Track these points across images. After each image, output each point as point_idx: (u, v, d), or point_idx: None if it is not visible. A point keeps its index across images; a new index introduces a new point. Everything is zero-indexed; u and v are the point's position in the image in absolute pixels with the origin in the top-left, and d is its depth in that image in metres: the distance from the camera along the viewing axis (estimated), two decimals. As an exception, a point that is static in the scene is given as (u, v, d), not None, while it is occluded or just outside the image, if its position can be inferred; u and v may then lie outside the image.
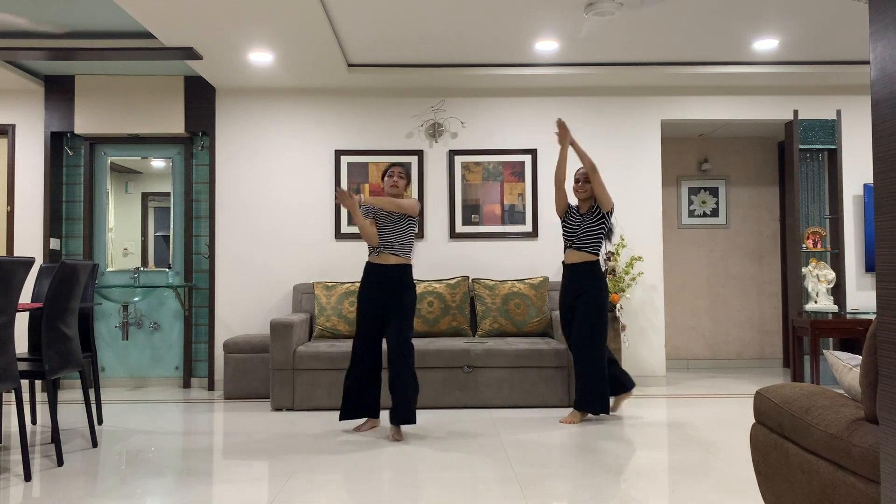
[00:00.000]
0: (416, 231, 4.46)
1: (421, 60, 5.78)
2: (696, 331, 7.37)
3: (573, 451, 3.87)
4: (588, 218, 4.72)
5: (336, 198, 4.28)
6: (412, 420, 4.23)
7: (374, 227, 4.41)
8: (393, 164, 4.53)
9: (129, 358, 6.31)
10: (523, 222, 6.17)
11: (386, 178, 4.48)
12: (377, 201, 4.31)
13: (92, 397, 5.60)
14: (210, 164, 6.20)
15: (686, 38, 5.28)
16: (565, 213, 4.83)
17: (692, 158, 7.44)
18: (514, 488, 3.18)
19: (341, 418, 4.41)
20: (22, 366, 3.77)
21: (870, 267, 6.27)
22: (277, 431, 4.43)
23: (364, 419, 4.58)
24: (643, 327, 6.17)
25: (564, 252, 4.82)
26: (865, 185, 6.25)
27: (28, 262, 3.34)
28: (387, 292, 4.35)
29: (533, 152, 6.20)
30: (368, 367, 4.42)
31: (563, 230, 4.82)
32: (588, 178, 4.72)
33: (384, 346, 4.85)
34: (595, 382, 4.60)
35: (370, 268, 4.42)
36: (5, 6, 4.81)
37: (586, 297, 4.66)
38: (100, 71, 6.12)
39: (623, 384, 4.82)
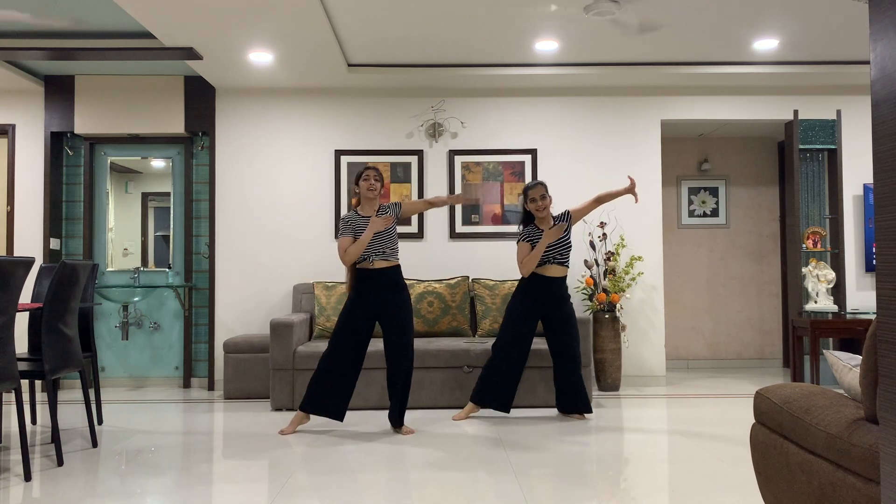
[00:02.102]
0: None
1: (421, 60, 5.78)
2: (696, 331, 7.37)
3: (573, 450, 3.87)
4: (565, 234, 4.68)
5: (382, 220, 4.34)
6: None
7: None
8: (367, 168, 4.42)
9: (129, 358, 6.31)
10: (523, 222, 6.17)
11: (362, 182, 4.35)
12: (412, 209, 4.49)
13: (92, 397, 5.60)
14: (210, 164, 6.20)
15: (686, 38, 5.28)
16: (533, 239, 4.65)
17: (692, 158, 7.44)
18: (514, 488, 3.18)
19: (306, 409, 4.37)
20: (22, 366, 3.77)
21: (870, 267, 6.28)
22: (277, 431, 4.43)
23: (295, 417, 4.45)
24: (643, 327, 6.17)
25: (541, 266, 4.64)
26: (865, 185, 6.25)
27: (28, 262, 3.34)
28: (384, 295, 4.32)
29: (533, 152, 6.20)
30: (344, 374, 4.35)
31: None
32: (545, 195, 4.64)
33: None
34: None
35: (367, 274, 4.31)
36: (6, 4, 4.81)
37: (568, 307, 4.73)
38: (100, 71, 6.12)
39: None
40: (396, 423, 4.38)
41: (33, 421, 4.68)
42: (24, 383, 5.59)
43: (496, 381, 4.69)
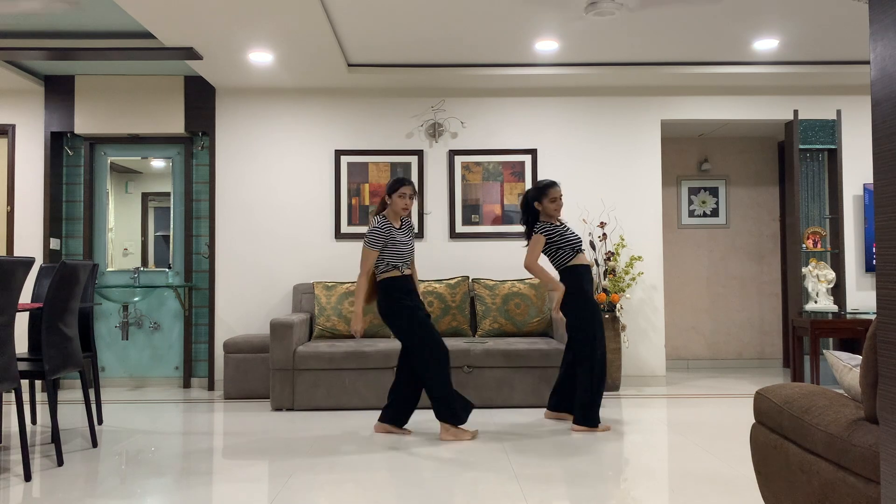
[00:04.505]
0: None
1: (421, 60, 5.78)
2: (696, 331, 7.37)
3: (573, 450, 3.87)
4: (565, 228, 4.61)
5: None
6: None
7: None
8: (405, 183, 4.24)
9: (129, 358, 6.31)
10: (523, 222, 6.17)
11: (397, 198, 4.22)
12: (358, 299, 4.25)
13: (92, 397, 5.60)
14: (210, 164, 6.20)
15: (686, 38, 5.28)
16: (554, 231, 4.52)
17: (692, 158, 7.44)
18: (514, 488, 3.18)
19: (464, 421, 4.22)
20: (22, 366, 3.77)
21: (870, 267, 6.28)
22: (277, 431, 4.43)
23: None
24: (643, 327, 6.17)
25: (575, 256, 4.52)
26: (865, 186, 6.25)
27: (28, 262, 3.34)
28: (418, 300, 4.30)
29: (533, 152, 6.20)
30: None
31: (568, 239, 4.52)
32: (562, 195, 4.63)
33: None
34: None
35: (405, 281, 4.22)
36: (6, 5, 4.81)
37: None
38: (100, 71, 6.12)
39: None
40: (402, 423, 4.37)
41: (33, 421, 4.68)
42: (24, 383, 5.59)
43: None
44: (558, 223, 4.60)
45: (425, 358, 4.18)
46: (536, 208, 4.60)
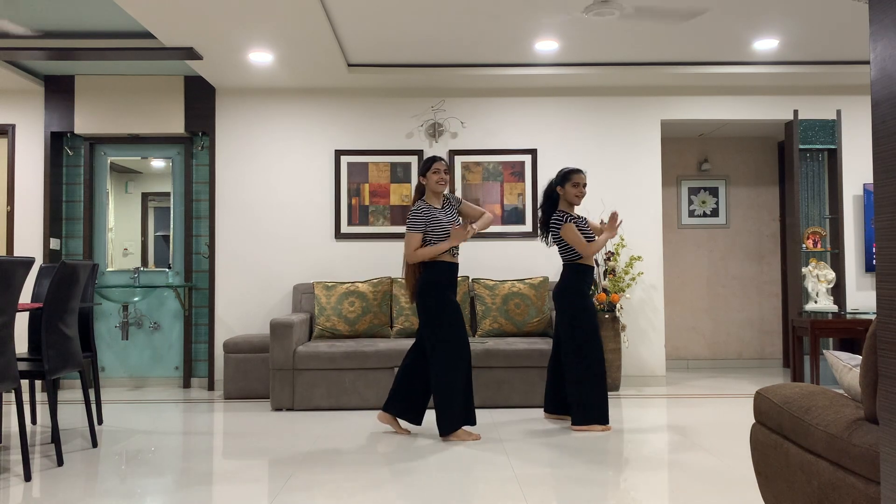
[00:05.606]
0: None
1: (421, 60, 5.78)
2: (696, 331, 7.37)
3: (573, 451, 3.87)
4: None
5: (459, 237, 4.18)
6: None
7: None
8: (436, 159, 4.24)
9: (129, 358, 6.31)
10: (523, 222, 6.17)
11: (432, 175, 4.21)
12: (482, 224, 4.31)
13: (92, 397, 5.60)
14: (210, 164, 6.20)
15: (686, 38, 5.28)
16: (577, 223, 4.50)
17: (692, 158, 7.44)
18: (514, 488, 3.18)
19: (468, 423, 4.21)
20: (22, 366, 3.77)
21: (870, 267, 6.28)
22: (277, 431, 4.43)
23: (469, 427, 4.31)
24: (643, 327, 6.17)
25: (586, 260, 4.51)
26: (865, 186, 6.25)
27: (28, 262, 3.34)
28: (455, 292, 4.29)
29: (533, 152, 6.20)
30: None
31: (587, 236, 4.51)
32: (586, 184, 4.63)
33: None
34: None
35: (453, 268, 4.22)
36: (6, 10, 4.81)
37: None
38: (100, 71, 6.12)
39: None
40: (419, 420, 4.32)
41: (33, 421, 4.68)
42: (24, 383, 5.59)
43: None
44: (579, 217, 4.55)
45: (444, 362, 4.14)
46: (558, 193, 4.57)
